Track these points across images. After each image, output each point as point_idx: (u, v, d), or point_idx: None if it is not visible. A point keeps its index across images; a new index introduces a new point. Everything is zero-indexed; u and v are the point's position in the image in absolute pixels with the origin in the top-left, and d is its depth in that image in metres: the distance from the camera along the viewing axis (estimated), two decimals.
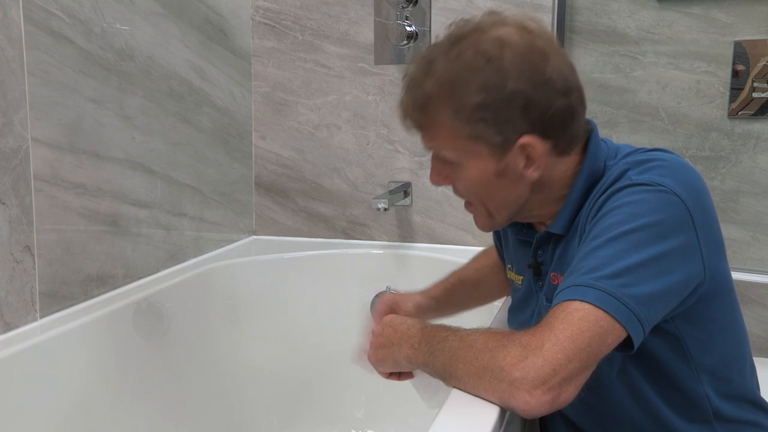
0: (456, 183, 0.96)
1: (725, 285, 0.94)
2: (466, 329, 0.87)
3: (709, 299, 0.90)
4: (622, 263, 0.81)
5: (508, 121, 0.88)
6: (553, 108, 0.88)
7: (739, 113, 1.63)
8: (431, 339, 0.90)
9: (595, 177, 0.94)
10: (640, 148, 0.96)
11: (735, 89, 1.62)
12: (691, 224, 0.85)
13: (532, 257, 1.02)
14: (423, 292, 1.23)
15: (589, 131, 0.97)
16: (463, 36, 0.90)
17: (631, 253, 0.82)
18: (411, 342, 0.92)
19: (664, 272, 0.82)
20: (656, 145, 0.97)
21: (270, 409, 1.74)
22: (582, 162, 0.95)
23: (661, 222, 0.84)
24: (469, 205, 1.00)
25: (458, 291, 1.25)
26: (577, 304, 0.79)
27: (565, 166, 0.95)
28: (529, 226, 1.03)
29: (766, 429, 1.00)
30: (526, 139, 0.89)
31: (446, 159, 0.94)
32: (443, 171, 0.96)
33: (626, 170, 0.91)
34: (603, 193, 0.90)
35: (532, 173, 0.92)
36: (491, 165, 0.91)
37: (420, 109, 0.92)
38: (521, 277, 1.08)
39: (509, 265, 1.12)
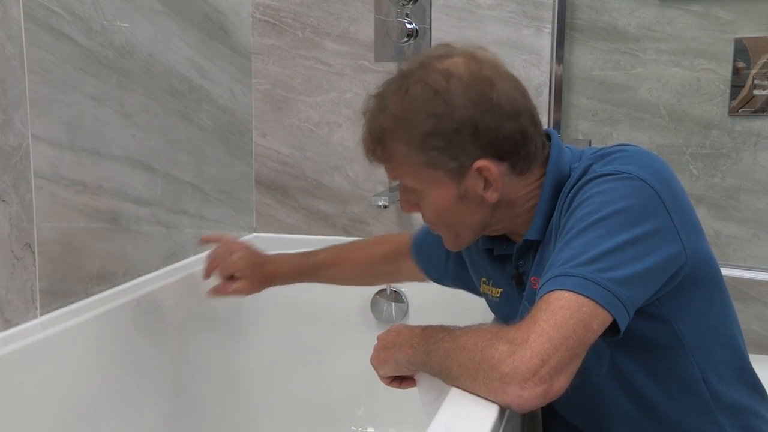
0: (423, 210, 1.01)
1: (709, 265, 0.94)
2: (460, 329, 0.88)
3: (695, 280, 0.91)
4: (597, 249, 0.82)
5: (460, 148, 0.92)
6: (503, 132, 0.92)
7: (740, 111, 1.63)
8: (428, 340, 0.90)
9: (561, 181, 0.96)
10: (604, 147, 0.98)
11: (736, 87, 1.62)
12: (663, 207, 0.86)
13: (513, 268, 1.03)
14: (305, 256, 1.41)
15: (549, 145, 0.99)
16: (412, 71, 0.96)
17: (605, 240, 0.83)
18: (412, 342, 0.93)
19: (641, 255, 0.83)
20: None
21: (271, 406, 1.74)
22: (545, 172, 0.97)
23: (632, 207, 0.85)
24: (434, 229, 1.04)
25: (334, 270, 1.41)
26: (557, 294, 0.80)
27: (528, 181, 0.97)
28: (507, 239, 1.05)
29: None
30: (480, 163, 0.93)
31: (411, 188, 0.99)
32: (411, 199, 1.01)
33: (590, 164, 0.93)
34: (571, 190, 0.92)
35: (492, 195, 0.95)
36: (452, 189, 0.95)
37: (377, 143, 0.98)
38: (500, 290, 1.09)
39: (484, 279, 1.14)
